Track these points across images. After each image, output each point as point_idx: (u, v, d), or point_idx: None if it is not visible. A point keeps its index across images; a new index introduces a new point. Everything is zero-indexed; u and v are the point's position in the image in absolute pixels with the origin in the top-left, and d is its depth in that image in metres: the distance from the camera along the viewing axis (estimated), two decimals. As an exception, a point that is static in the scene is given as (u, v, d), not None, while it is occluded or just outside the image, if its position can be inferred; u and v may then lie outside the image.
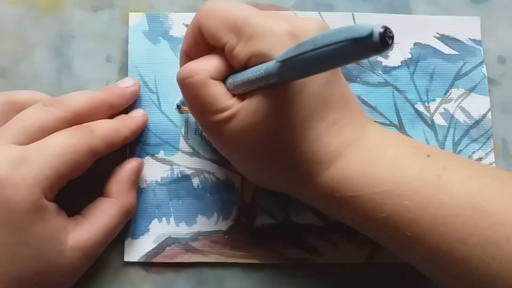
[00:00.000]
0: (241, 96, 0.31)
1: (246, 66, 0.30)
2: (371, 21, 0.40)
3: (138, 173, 0.37)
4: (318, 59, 0.24)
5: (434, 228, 0.28)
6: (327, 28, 0.31)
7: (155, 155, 0.39)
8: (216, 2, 0.32)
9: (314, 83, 0.30)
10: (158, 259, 0.38)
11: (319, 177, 0.31)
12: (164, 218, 0.38)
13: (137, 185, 0.38)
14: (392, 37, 0.21)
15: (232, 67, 0.32)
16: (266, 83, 0.29)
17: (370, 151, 0.31)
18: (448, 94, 0.40)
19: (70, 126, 0.33)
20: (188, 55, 0.34)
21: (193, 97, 0.32)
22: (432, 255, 0.29)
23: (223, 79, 0.32)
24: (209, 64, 0.31)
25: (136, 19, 0.40)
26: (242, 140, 0.31)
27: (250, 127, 0.30)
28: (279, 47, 0.29)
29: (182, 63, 0.35)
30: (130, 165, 0.37)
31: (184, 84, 0.32)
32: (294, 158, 0.31)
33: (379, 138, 0.32)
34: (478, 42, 0.41)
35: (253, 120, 0.30)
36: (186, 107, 0.38)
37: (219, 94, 0.31)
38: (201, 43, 0.33)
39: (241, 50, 0.30)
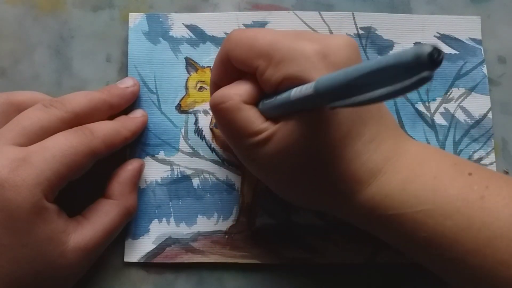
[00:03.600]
0: (275, 119, 0.31)
1: (277, 89, 0.30)
2: (372, 20, 0.41)
3: (139, 175, 0.38)
4: (363, 81, 0.24)
5: (477, 249, 0.28)
6: (355, 44, 0.31)
7: (155, 155, 0.39)
8: (242, 31, 0.33)
9: None
10: (158, 259, 0.38)
11: (359, 195, 0.31)
12: (164, 219, 0.38)
13: (137, 185, 0.38)
14: (440, 54, 0.20)
15: (263, 91, 0.32)
16: (302, 107, 0.29)
17: (410, 168, 0.30)
18: (448, 93, 0.40)
19: (71, 127, 0.34)
20: (218, 85, 0.34)
21: (227, 122, 0.32)
22: (474, 276, 0.28)
23: (256, 103, 0.32)
24: (241, 89, 0.32)
25: (136, 19, 0.40)
26: (280, 162, 0.31)
27: (287, 148, 0.30)
28: (311, 69, 0.29)
29: (212, 93, 0.35)
30: (132, 166, 0.37)
31: (218, 110, 0.32)
32: (333, 177, 0.31)
33: (418, 154, 0.31)
34: (479, 42, 0.41)
35: (290, 142, 0.30)
36: (218, 130, 0.39)
37: (253, 117, 0.31)
38: (230, 72, 0.33)
39: (272, 74, 0.30)
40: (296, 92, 0.28)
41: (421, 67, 0.21)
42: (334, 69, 0.29)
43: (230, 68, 0.33)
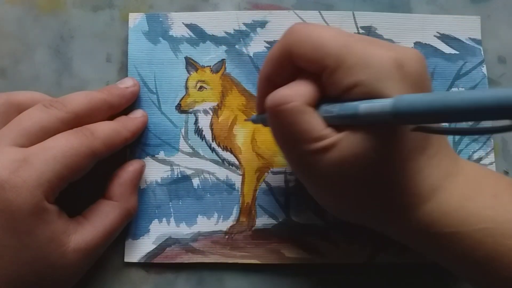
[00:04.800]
0: (337, 126, 0.29)
1: (343, 94, 0.29)
2: (372, 20, 0.41)
3: (140, 176, 0.38)
4: (455, 116, 0.23)
5: None
6: (424, 59, 0.30)
7: (155, 155, 0.39)
8: (307, 26, 0.31)
9: None
10: (158, 259, 0.38)
11: (417, 211, 0.30)
12: (164, 219, 0.38)
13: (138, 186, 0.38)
14: None
15: (323, 93, 0.30)
16: (372, 122, 0.27)
17: (469, 185, 0.30)
18: (448, 93, 0.40)
19: (71, 127, 0.34)
20: (270, 80, 0.33)
21: (287, 125, 0.29)
22: None
23: (316, 106, 0.30)
24: (305, 90, 0.30)
25: (136, 20, 0.40)
26: (341, 171, 0.29)
27: (352, 158, 0.28)
28: (386, 79, 0.27)
29: (264, 89, 0.33)
30: (132, 167, 0.37)
31: (278, 111, 0.29)
32: (394, 191, 0.30)
33: (475, 173, 0.31)
34: (478, 42, 0.41)
35: (356, 151, 0.28)
36: (257, 123, 0.37)
37: (315, 122, 0.29)
38: (287, 68, 0.31)
39: (342, 78, 0.28)
40: (367, 107, 0.27)
41: None
42: (408, 81, 0.28)
43: (288, 64, 0.31)
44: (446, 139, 0.32)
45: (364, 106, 0.27)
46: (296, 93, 0.29)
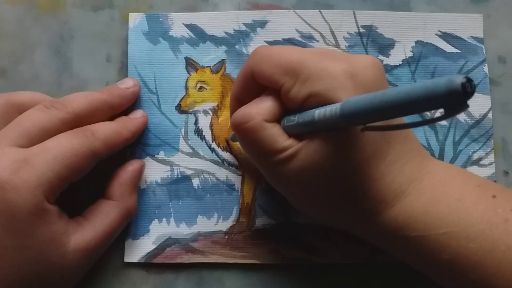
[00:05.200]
0: (299, 136, 0.31)
1: (302, 106, 0.30)
2: (373, 19, 0.40)
3: (140, 175, 0.38)
4: (392, 111, 0.24)
5: (500, 272, 0.28)
6: (380, 65, 0.31)
7: (155, 155, 0.39)
8: (268, 47, 0.33)
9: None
10: (158, 259, 0.38)
11: (382, 216, 0.31)
12: (164, 219, 0.38)
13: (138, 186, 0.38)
14: (472, 85, 0.20)
15: (285, 107, 0.32)
16: (327, 126, 0.28)
17: (434, 190, 0.31)
18: (449, 93, 0.40)
19: (71, 127, 0.34)
20: (239, 100, 0.35)
21: (250, 141, 0.32)
22: None
23: (278, 119, 0.32)
24: (263, 107, 0.32)
25: (136, 20, 0.40)
26: (304, 179, 0.31)
27: (312, 166, 0.30)
28: (338, 88, 0.29)
29: (233, 108, 0.35)
30: (132, 167, 0.37)
31: (240, 129, 0.32)
32: (356, 197, 0.31)
33: (442, 176, 0.32)
34: (480, 40, 0.41)
35: (314, 159, 0.30)
36: (237, 143, 0.39)
37: (276, 135, 0.31)
38: (253, 87, 0.33)
39: (298, 91, 0.30)
40: (321, 112, 0.28)
41: (454, 99, 0.20)
42: (361, 88, 0.29)
43: (253, 84, 0.33)
44: (413, 143, 0.32)
45: (317, 111, 0.29)
46: (255, 111, 0.31)
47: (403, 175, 0.31)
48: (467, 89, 0.20)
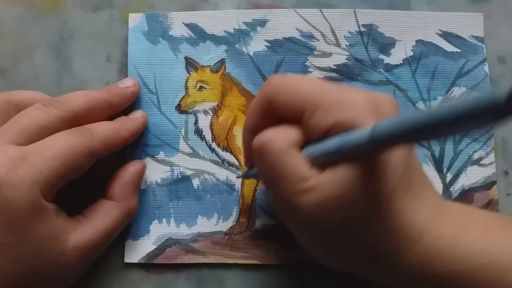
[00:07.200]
0: (321, 167, 0.29)
1: (324, 135, 0.29)
2: (374, 17, 0.40)
3: (141, 177, 0.38)
4: (430, 130, 0.22)
5: None
6: (396, 103, 0.30)
7: (155, 156, 0.39)
8: (284, 76, 0.32)
9: (399, 152, 0.28)
10: (159, 260, 0.38)
11: (408, 253, 0.29)
12: (164, 219, 0.38)
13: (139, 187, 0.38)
14: None
15: (307, 137, 0.30)
16: (353, 154, 0.27)
17: (458, 223, 0.30)
18: (449, 92, 0.40)
19: (70, 126, 0.34)
20: (255, 132, 0.32)
21: (272, 165, 0.29)
22: None
23: (300, 149, 0.30)
24: (289, 132, 0.30)
25: (136, 20, 0.40)
26: (323, 213, 0.28)
27: (333, 199, 0.28)
28: (363, 117, 0.28)
29: (248, 141, 0.33)
30: (134, 168, 0.37)
31: (264, 151, 0.30)
32: (379, 233, 0.29)
33: (462, 211, 0.31)
34: (481, 40, 0.41)
35: (336, 192, 0.28)
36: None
37: (300, 163, 0.29)
38: (269, 118, 0.32)
39: (320, 120, 0.29)
40: (346, 137, 0.27)
41: (495, 115, 0.19)
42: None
43: (270, 114, 0.31)
44: (429, 180, 0.31)
45: (342, 138, 0.27)
46: (281, 133, 0.30)
47: (425, 210, 0.29)
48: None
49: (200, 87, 0.40)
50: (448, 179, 0.39)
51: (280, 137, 0.29)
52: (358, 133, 0.26)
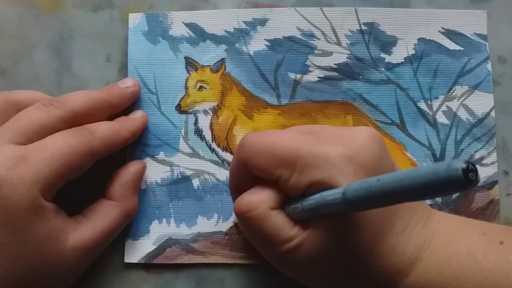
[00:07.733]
0: (305, 222, 0.30)
1: (304, 193, 0.30)
2: (375, 16, 0.40)
3: (141, 177, 0.38)
4: (396, 196, 0.23)
5: None
6: (378, 136, 0.30)
7: (155, 156, 0.39)
8: (256, 136, 0.32)
9: None
10: (159, 260, 0.38)
11: (399, 287, 0.30)
12: (164, 219, 0.38)
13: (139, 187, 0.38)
14: (475, 171, 0.20)
15: (288, 194, 0.31)
16: (332, 211, 0.28)
17: (444, 249, 0.30)
18: (451, 91, 0.40)
19: (70, 126, 0.34)
20: (238, 188, 0.34)
21: (255, 230, 0.31)
22: None
23: (281, 206, 0.31)
24: (267, 195, 0.31)
25: (136, 20, 0.40)
26: (312, 267, 0.30)
27: (319, 255, 0.29)
28: (338, 175, 0.28)
29: (234, 195, 0.35)
30: (134, 168, 0.37)
31: (245, 218, 0.31)
32: (370, 274, 0.30)
33: (448, 231, 0.31)
34: (484, 37, 0.40)
35: (322, 249, 0.29)
36: None
37: (282, 224, 0.30)
38: (249, 176, 0.32)
39: (297, 181, 0.29)
40: (322, 198, 0.28)
41: (456, 186, 0.20)
42: (361, 169, 0.28)
43: (248, 173, 0.32)
44: (415, 202, 0.31)
45: (318, 198, 0.28)
46: (259, 199, 0.30)
47: (413, 241, 0.30)
48: (471, 178, 0.20)
49: (200, 87, 0.40)
50: (449, 179, 0.39)
51: (259, 203, 0.30)
52: (332, 193, 0.27)
